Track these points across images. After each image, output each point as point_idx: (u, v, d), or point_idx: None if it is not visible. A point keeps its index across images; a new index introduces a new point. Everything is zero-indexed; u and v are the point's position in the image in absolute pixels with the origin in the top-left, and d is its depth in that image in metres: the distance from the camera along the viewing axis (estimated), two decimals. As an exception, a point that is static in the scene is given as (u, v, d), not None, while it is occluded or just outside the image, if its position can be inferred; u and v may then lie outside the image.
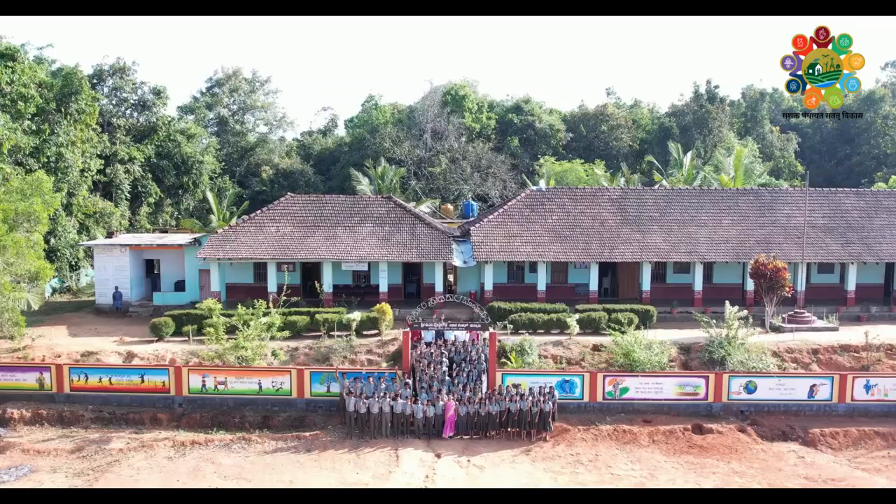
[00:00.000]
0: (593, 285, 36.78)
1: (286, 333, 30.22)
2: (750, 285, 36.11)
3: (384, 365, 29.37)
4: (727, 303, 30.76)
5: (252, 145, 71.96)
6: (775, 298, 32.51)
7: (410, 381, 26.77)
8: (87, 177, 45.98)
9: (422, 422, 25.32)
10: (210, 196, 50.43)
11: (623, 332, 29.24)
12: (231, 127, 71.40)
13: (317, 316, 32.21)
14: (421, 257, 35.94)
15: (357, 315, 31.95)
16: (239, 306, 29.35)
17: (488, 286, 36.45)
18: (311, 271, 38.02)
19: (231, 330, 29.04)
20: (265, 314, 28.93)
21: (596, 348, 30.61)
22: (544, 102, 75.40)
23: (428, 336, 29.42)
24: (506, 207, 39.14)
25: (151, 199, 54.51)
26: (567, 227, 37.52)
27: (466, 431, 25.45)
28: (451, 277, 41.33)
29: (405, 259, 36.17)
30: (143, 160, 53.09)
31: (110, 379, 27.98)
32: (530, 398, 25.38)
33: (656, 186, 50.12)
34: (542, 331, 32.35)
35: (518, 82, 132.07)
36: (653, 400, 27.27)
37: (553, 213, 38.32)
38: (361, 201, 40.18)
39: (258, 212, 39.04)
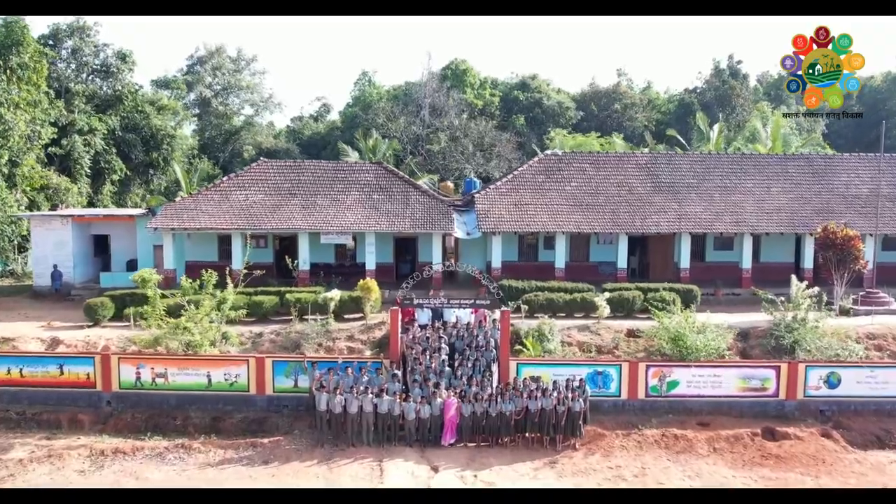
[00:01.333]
0: (622, 262, 30.95)
1: (242, 313, 24.08)
2: (807, 263, 30.59)
3: (368, 353, 23.55)
4: (793, 277, 25.00)
5: (237, 129, 66.18)
6: (847, 275, 26.75)
7: (400, 373, 20.98)
8: (35, 145, 40.13)
9: (414, 424, 19.58)
10: (178, 169, 44.53)
11: (670, 313, 23.40)
12: (214, 108, 65.59)
13: (287, 296, 26.33)
14: (416, 227, 30.12)
15: (336, 294, 26.11)
16: (183, 278, 23.39)
17: (496, 264, 30.63)
18: (286, 248, 32.24)
19: (179, 312, 23.19)
20: (217, 288, 22.98)
21: (631, 334, 24.81)
22: (552, 80, 69.80)
23: (423, 317, 23.56)
24: (516, 173, 33.43)
25: (116, 177, 48.63)
26: (589, 195, 31.76)
27: (472, 437, 19.75)
28: (451, 260, 35.45)
29: (397, 230, 30.35)
30: (105, 132, 47.19)
31: (21, 370, 22.24)
32: (555, 394, 19.67)
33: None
34: (562, 314, 26.48)
35: (522, 68, 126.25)
36: (709, 397, 21.50)
37: (572, 180, 32.59)
38: (346, 167, 34.49)
39: (224, 178, 33.29)
